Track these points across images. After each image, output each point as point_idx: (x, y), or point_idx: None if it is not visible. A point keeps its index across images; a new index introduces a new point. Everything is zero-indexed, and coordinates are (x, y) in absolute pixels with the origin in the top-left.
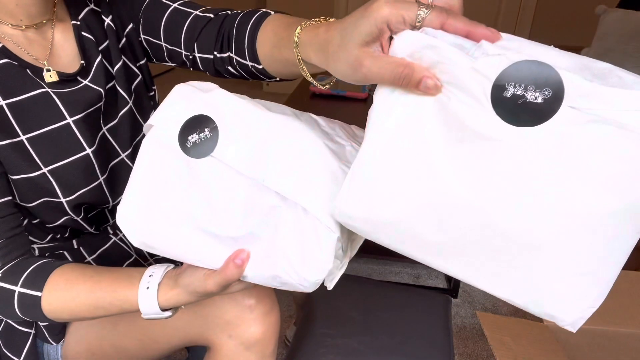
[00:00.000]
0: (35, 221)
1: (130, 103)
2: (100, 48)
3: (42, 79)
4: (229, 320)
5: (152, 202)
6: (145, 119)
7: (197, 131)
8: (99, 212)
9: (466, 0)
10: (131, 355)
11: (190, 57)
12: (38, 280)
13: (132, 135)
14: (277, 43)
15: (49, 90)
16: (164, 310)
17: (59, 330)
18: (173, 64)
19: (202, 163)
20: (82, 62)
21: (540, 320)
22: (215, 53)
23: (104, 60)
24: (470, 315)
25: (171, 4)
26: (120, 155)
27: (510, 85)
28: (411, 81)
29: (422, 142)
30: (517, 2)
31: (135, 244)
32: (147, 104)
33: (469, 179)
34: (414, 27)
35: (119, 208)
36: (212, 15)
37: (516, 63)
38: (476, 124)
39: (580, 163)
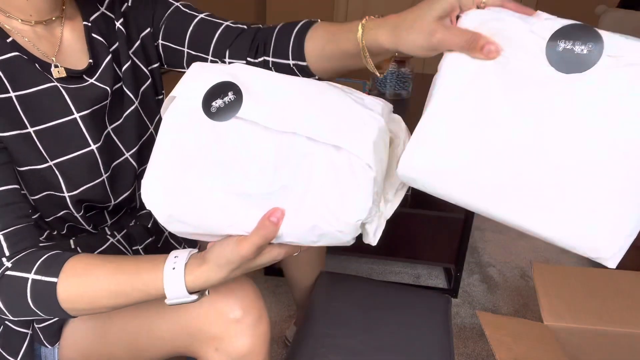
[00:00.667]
0: (33, 216)
1: (137, 104)
2: (110, 49)
3: (51, 74)
4: (214, 334)
5: (178, 172)
6: (152, 121)
7: (220, 96)
8: (98, 212)
9: None
10: None
11: (218, 62)
12: (54, 266)
13: (138, 136)
14: (331, 38)
15: (58, 84)
16: (191, 293)
17: (53, 333)
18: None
19: (228, 126)
20: (90, 60)
21: (540, 320)
22: (249, 59)
23: (113, 61)
24: (470, 315)
25: (197, 14)
26: (124, 154)
27: (562, 41)
28: (476, 46)
29: (486, 97)
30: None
31: (161, 219)
32: (154, 107)
33: (527, 120)
34: (479, 7)
35: (143, 182)
36: (245, 27)
37: (565, 25)
38: (533, 74)
39: (619, 100)
